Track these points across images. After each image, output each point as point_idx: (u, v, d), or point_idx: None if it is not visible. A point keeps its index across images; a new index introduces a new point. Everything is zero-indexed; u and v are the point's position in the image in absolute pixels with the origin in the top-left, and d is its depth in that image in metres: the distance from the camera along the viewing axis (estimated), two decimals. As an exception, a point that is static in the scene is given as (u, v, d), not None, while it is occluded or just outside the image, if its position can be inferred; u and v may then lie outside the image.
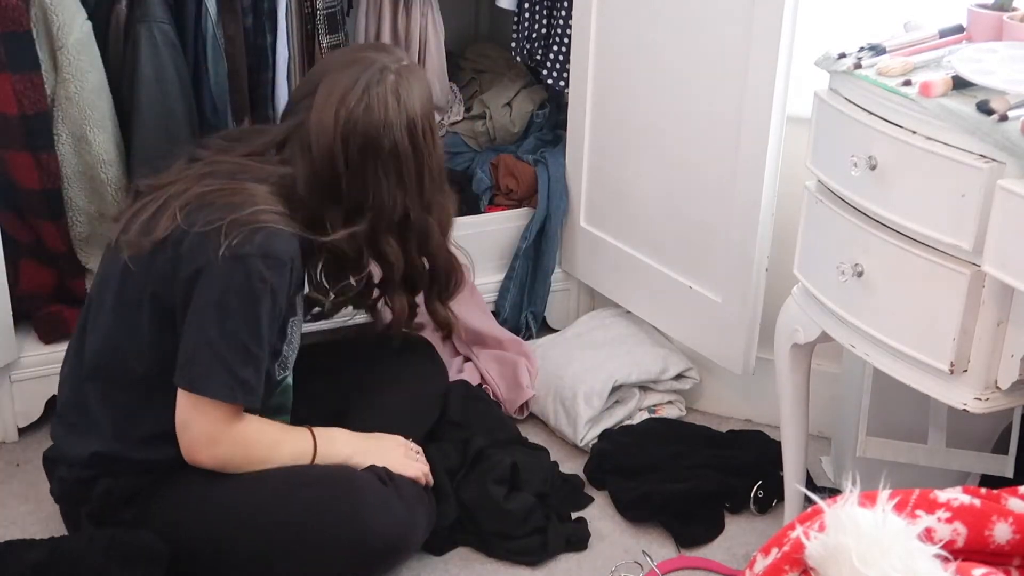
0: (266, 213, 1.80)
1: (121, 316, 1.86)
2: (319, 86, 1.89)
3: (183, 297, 1.80)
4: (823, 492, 1.75)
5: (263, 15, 2.36)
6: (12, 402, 2.35)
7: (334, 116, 1.85)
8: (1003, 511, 1.34)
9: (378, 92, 1.86)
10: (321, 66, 1.98)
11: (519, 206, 2.76)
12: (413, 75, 1.94)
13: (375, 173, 1.89)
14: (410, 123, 1.89)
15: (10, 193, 2.24)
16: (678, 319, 2.52)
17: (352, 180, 1.88)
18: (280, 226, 1.81)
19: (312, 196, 1.88)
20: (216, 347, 1.77)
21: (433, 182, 1.98)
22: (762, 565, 1.32)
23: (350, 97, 1.85)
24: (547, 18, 2.74)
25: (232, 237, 1.75)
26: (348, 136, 1.86)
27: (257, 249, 1.77)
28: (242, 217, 1.77)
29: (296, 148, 1.89)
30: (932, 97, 1.61)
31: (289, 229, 1.83)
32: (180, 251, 1.79)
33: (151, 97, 2.23)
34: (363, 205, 1.91)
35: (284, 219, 1.83)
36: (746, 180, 2.25)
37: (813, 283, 1.87)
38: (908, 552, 1.22)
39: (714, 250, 2.37)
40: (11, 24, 2.10)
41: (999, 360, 1.63)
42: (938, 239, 1.62)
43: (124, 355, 1.87)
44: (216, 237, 1.76)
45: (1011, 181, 1.51)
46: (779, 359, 2.02)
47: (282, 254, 1.80)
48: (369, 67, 1.88)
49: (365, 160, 1.87)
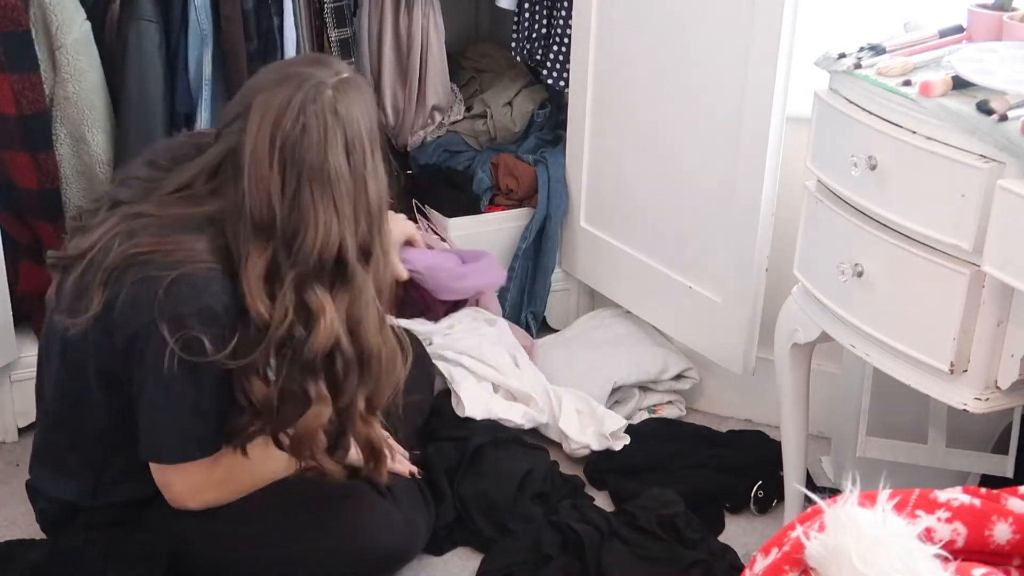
0: (195, 264, 1.66)
1: (71, 377, 1.78)
2: (251, 107, 1.66)
3: (123, 363, 1.70)
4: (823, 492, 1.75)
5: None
6: (12, 402, 2.35)
7: (268, 141, 1.64)
8: (1003, 511, 1.34)
9: (315, 110, 1.64)
10: (253, 83, 1.72)
11: (519, 206, 2.76)
12: (353, 89, 1.70)
13: (312, 204, 1.65)
14: (349, 144, 1.66)
15: (9, 193, 2.24)
16: (678, 319, 2.52)
17: (289, 214, 1.65)
18: (210, 276, 1.66)
19: (241, 234, 1.67)
20: (166, 416, 1.70)
21: (371, 220, 1.70)
22: (762, 565, 1.31)
23: (285, 119, 1.64)
24: (547, 18, 2.74)
25: (162, 299, 1.63)
26: (285, 164, 1.64)
27: (189, 306, 1.63)
28: (171, 275, 1.64)
29: (229, 176, 1.69)
30: (932, 97, 1.61)
31: (220, 278, 1.67)
32: (112, 318, 1.67)
33: (133, 97, 2.24)
34: (293, 242, 1.66)
35: (215, 269, 1.67)
36: (746, 180, 2.25)
37: (813, 283, 1.87)
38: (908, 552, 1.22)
39: (714, 250, 2.37)
40: (10, 24, 2.10)
41: (999, 360, 1.63)
42: (938, 239, 1.62)
43: (80, 411, 1.80)
44: (147, 300, 1.64)
45: (1011, 181, 1.51)
46: (779, 359, 2.02)
47: (215, 305, 1.65)
48: (304, 83, 1.65)
49: (303, 190, 1.65)
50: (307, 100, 1.65)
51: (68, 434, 1.83)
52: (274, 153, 1.64)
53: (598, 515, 2.10)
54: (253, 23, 2.35)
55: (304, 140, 1.64)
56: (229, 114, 1.72)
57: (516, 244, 2.73)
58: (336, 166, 1.65)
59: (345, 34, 2.51)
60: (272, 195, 1.64)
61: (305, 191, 1.64)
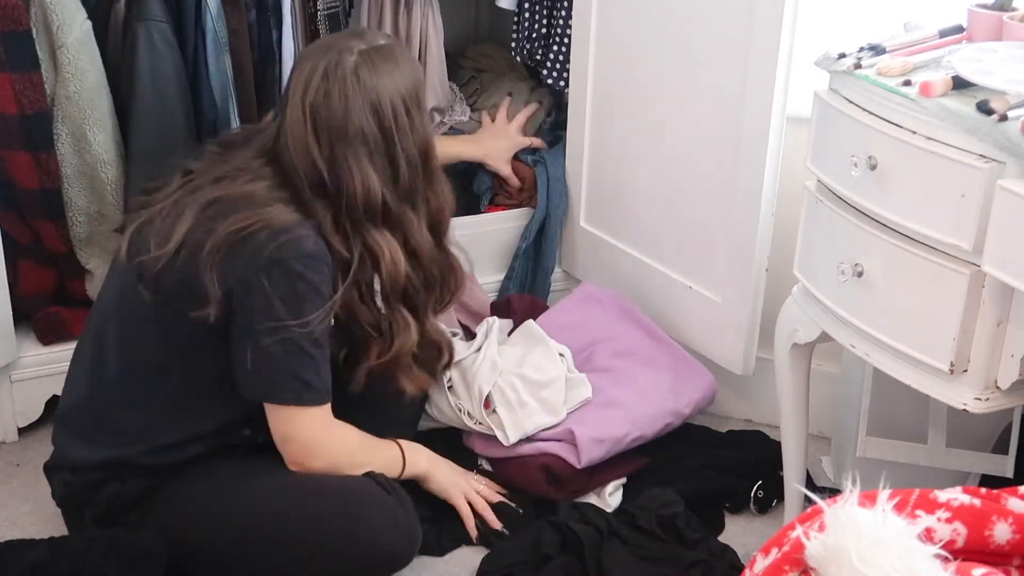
0: (287, 214, 1.80)
1: (142, 328, 1.86)
2: (290, 81, 1.87)
3: (219, 308, 1.77)
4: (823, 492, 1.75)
5: (267, 10, 2.36)
6: (12, 402, 2.35)
7: (300, 108, 1.81)
8: (1003, 511, 1.34)
9: (337, 75, 1.80)
10: (298, 57, 1.92)
11: (519, 206, 2.76)
12: (383, 55, 1.84)
13: (346, 161, 1.82)
14: (374, 105, 1.81)
15: (9, 193, 2.24)
16: (678, 319, 2.52)
17: (331, 172, 1.82)
18: (305, 227, 1.80)
19: (305, 194, 1.84)
20: (274, 355, 1.79)
21: (412, 169, 1.88)
22: (762, 565, 1.32)
23: (311, 86, 1.80)
24: (547, 18, 2.74)
25: (263, 244, 1.76)
26: (316, 126, 1.81)
27: (292, 252, 1.77)
28: (267, 222, 1.77)
29: (284, 147, 1.85)
30: (932, 97, 1.61)
31: (311, 230, 1.81)
32: (205, 259, 1.76)
33: (148, 96, 2.23)
34: (340, 196, 1.84)
35: (302, 219, 1.82)
36: (746, 180, 2.25)
37: (813, 283, 1.87)
38: (908, 552, 1.22)
39: (714, 250, 2.37)
40: (10, 23, 2.10)
41: (999, 360, 1.63)
42: (938, 239, 1.62)
43: (151, 369, 1.87)
44: (247, 245, 1.76)
45: (1011, 181, 1.51)
46: (779, 359, 2.02)
47: (316, 251, 1.80)
48: (329, 52, 1.82)
49: (334, 149, 1.81)
50: (329, 67, 1.80)
51: (129, 394, 1.89)
52: (306, 119, 1.81)
53: (598, 515, 2.10)
54: (256, 36, 2.36)
55: (328, 104, 1.80)
56: (285, 89, 1.91)
57: (516, 244, 2.73)
58: (360, 125, 1.81)
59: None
60: (314, 157, 1.81)
61: (338, 150, 1.81)
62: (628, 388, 2.32)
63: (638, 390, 2.33)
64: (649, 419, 2.29)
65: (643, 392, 2.32)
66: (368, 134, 1.82)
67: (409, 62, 1.91)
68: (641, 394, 2.32)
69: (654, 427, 2.30)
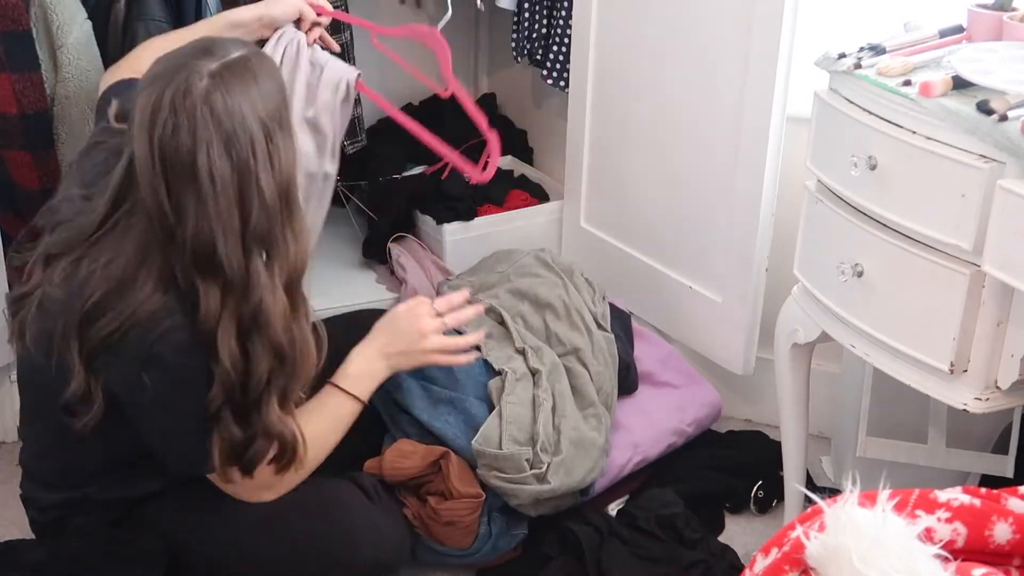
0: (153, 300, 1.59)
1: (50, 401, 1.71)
2: (136, 105, 1.56)
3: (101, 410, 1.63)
4: (823, 492, 1.75)
5: None
6: (12, 402, 2.35)
7: (148, 145, 1.53)
8: (1003, 511, 1.34)
9: (186, 106, 1.51)
10: (143, 79, 1.59)
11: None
12: (237, 73, 1.56)
13: (190, 204, 1.54)
14: (229, 136, 1.53)
15: (10, 193, 2.24)
16: (678, 319, 2.52)
17: (176, 216, 1.55)
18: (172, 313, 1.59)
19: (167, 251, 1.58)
20: (182, 436, 1.67)
21: (267, 210, 1.56)
22: (762, 565, 1.31)
23: (158, 118, 1.52)
24: (547, 18, 2.74)
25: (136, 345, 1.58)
26: (165, 167, 1.53)
27: (166, 347, 1.58)
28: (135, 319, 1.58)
29: (136, 186, 1.58)
30: (932, 97, 1.61)
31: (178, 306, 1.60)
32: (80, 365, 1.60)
33: None
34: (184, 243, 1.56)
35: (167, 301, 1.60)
36: (746, 180, 2.25)
37: (813, 283, 1.87)
38: (908, 552, 1.22)
39: (714, 250, 2.37)
40: (11, 23, 2.10)
41: (999, 360, 1.63)
42: (938, 239, 1.62)
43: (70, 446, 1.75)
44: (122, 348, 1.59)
45: (1011, 181, 1.51)
46: (779, 359, 2.02)
47: (189, 340, 1.59)
48: (176, 76, 1.53)
49: (182, 191, 1.54)
50: (177, 95, 1.52)
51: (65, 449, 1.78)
52: (154, 159, 1.53)
53: (597, 515, 2.10)
54: None
55: (175, 140, 1.52)
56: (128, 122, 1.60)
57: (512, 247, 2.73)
58: (209, 165, 1.52)
59: (341, 40, 2.51)
60: (162, 203, 1.54)
61: (184, 192, 1.54)
62: (632, 409, 2.31)
63: (641, 410, 2.32)
64: (652, 441, 2.28)
65: (647, 413, 2.32)
66: (218, 174, 1.52)
67: (269, 74, 1.61)
68: (645, 415, 2.31)
69: (657, 448, 2.29)
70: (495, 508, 2.06)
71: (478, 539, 2.04)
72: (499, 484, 2.01)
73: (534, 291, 2.32)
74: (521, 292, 2.33)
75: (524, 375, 2.15)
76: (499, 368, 2.15)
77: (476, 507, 2.02)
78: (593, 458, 2.10)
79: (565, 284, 2.34)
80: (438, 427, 2.07)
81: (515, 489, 2.01)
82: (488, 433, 2.04)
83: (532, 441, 2.05)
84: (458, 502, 2.00)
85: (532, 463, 2.02)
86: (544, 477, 2.01)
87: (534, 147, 3.14)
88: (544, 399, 2.11)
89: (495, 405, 2.10)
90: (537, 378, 2.15)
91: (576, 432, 2.09)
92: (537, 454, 2.03)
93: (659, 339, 2.50)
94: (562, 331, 2.26)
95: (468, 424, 2.08)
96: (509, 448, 2.02)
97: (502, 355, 2.18)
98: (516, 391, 2.11)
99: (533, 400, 2.11)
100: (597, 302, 2.36)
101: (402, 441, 2.07)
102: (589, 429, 2.13)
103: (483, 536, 2.05)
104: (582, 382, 2.19)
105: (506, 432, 2.04)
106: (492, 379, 2.14)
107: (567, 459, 2.05)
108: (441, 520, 2.01)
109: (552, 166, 3.01)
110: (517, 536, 2.09)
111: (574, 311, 2.29)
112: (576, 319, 2.28)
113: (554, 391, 2.14)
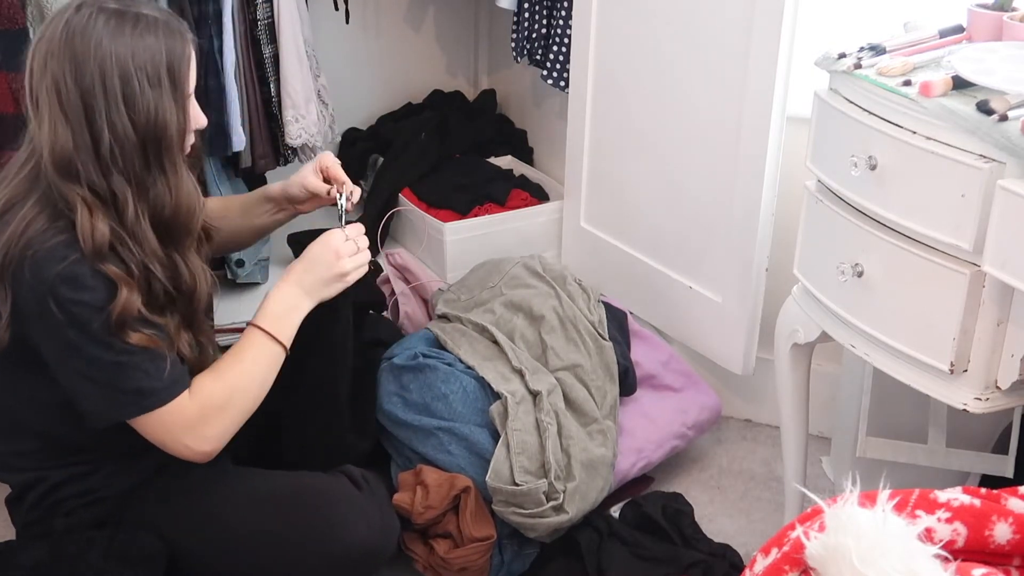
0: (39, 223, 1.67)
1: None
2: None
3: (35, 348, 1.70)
4: (823, 492, 1.75)
5: (208, 19, 2.35)
6: None
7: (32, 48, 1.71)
8: (1003, 511, 1.34)
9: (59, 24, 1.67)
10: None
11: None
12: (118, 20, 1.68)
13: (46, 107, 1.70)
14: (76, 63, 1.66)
15: (9, 193, 2.24)
16: (678, 319, 2.52)
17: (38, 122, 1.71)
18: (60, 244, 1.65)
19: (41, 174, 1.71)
20: (93, 378, 1.69)
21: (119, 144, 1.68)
22: (762, 565, 1.31)
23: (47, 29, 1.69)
24: (547, 18, 2.74)
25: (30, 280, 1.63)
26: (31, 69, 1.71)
27: (54, 277, 1.63)
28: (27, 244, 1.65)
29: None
30: (932, 97, 1.61)
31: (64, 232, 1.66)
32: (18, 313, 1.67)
33: None
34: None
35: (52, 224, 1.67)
36: (746, 180, 2.25)
37: (813, 283, 1.87)
38: (908, 552, 1.22)
39: (714, 250, 2.37)
40: (6, 22, 2.10)
41: (999, 360, 1.63)
42: (938, 239, 1.62)
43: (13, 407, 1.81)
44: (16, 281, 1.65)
45: (1011, 181, 1.51)
46: (779, 359, 2.02)
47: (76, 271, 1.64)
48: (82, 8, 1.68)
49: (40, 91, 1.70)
50: (63, 14, 1.68)
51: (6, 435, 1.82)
52: (32, 59, 1.70)
53: (598, 516, 2.10)
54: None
55: (41, 47, 1.69)
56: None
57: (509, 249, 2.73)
58: (55, 78, 1.67)
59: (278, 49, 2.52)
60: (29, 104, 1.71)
61: (40, 92, 1.69)
62: (634, 413, 2.31)
63: (644, 415, 2.31)
64: (655, 445, 2.28)
65: (649, 417, 2.31)
66: (64, 88, 1.66)
67: (161, 36, 1.69)
68: (647, 419, 2.31)
69: (660, 452, 2.29)
70: (504, 536, 2.05)
71: (491, 570, 2.03)
72: (519, 521, 1.99)
73: (528, 303, 2.30)
74: (515, 305, 2.31)
75: (524, 398, 2.12)
76: (498, 391, 2.12)
77: (488, 549, 2.00)
78: (604, 476, 2.10)
79: (558, 294, 2.32)
80: (442, 460, 2.06)
81: (534, 523, 1.99)
82: (498, 467, 2.02)
83: (543, 470, 2.03)
84: (468, 548, 1.99)
85: (548, 495, 2.00)
86: (561, 507, 1.99)
87: (534, 147, 3.15)
88: (549, 423, 2.08)
89: (498, 431, 2.08)
90: (538, 400, 2.12)
91: (585, 453, 2.08)
92: (552, 484, 2.00)
93: (660, 341, 2.49)
94: (559, 346, 2.24)
95: (472, 452, 2.07)
96: (523, 480, 2.00)
97: (498, 376, 2.16)
98: (519, 415, 2.08)
99: (537, 425, 2.09)
100: (593, 308, 2.34)
101: (424, 470, 2.04)
102: (597, 446, 2.11)
103: (496, 567, 2.04)
104: (581, 399, 2.18)
105: (516, 463, 2.02)
106: (492, 404, 2.12)
107: (581, 484, 2.03)
108: (453, 568, 2.00)
109: (552, 166, 3.01)
110: (531, 555, 2.07)
111: (569, 323, 2.27)
112: (572, 333, 2.26)
113: (557, 411, 2.12)
